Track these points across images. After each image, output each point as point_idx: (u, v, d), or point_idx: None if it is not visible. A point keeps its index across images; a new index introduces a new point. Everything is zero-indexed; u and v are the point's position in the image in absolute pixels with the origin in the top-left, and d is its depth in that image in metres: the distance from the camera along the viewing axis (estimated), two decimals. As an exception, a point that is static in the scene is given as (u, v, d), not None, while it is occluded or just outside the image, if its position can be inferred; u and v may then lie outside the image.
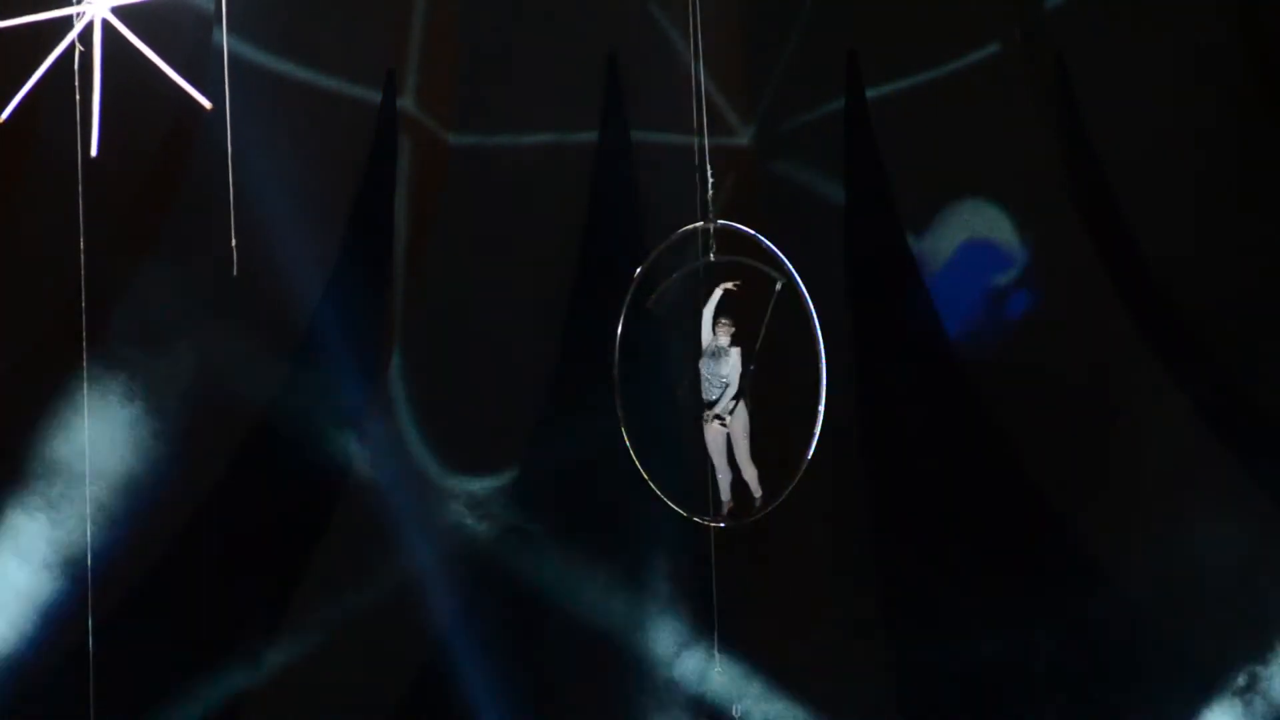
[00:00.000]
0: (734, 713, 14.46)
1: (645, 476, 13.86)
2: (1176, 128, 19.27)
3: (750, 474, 14.18)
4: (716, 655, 14.51)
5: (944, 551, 19.56)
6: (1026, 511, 19.60)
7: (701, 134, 14.67)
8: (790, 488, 13.78)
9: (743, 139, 20.26)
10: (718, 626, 14.74)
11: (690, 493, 14.48)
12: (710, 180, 13.99)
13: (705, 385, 14.14)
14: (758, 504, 14.25)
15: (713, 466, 14.17)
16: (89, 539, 14.25)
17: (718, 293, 13.94)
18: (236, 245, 13.14)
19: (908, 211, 19.97)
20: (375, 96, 19.73)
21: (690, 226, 13.92)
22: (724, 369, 14.00)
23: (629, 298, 13.95)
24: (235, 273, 13.26)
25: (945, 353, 19.92)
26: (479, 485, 20.01)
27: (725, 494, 14.32)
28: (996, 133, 19.72)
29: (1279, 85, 19.10)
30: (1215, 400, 19.33)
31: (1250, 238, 19.11)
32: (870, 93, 19.94)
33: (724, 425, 14.07)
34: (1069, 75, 19.65)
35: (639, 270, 14.04)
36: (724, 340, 14.06)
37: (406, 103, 19.91)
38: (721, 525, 14.39)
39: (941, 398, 19.95)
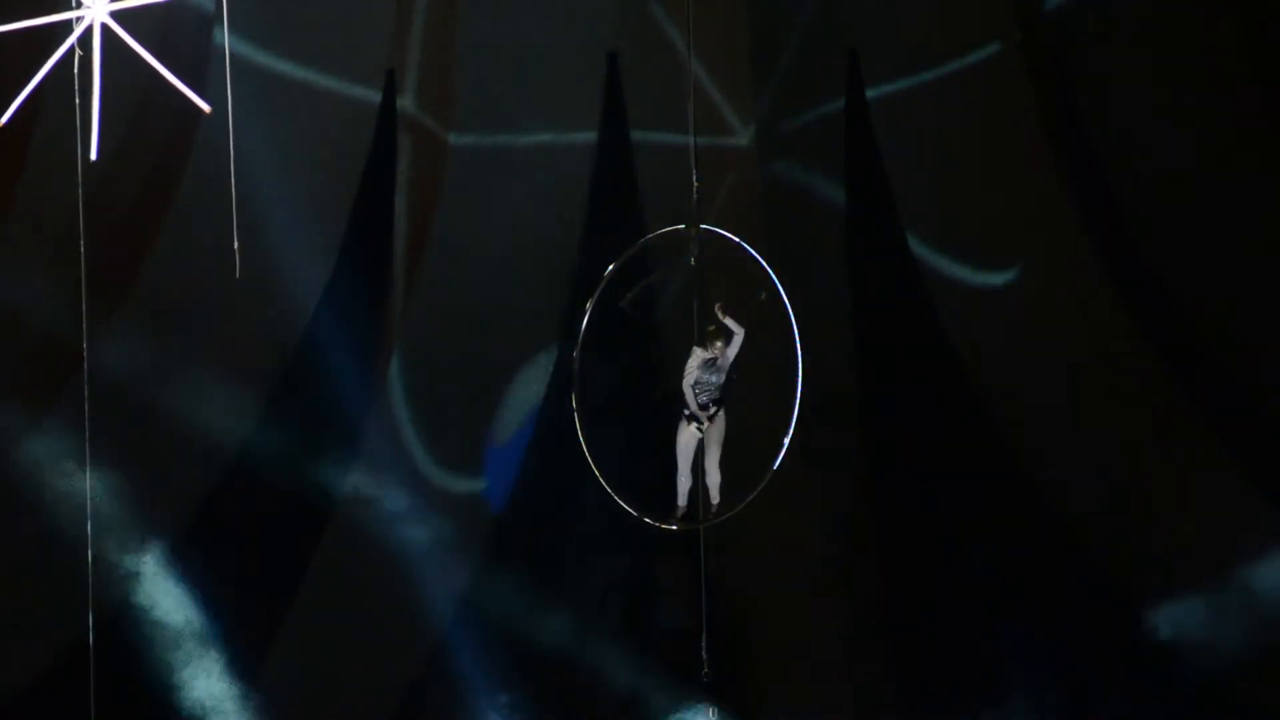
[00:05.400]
0: (709, 715, 14.48)
1: (597, 473, 13.89)
2: (1176, 128, 19.27)
3: (714, 480, 14.25)
4: (704, 659, 14.54)
5: (945, 552, 19.58)
6: (1028, 511, 19.61)
7: (692, 134, 14.69)
8: (749, 499, 13.82)
9: (743, 139, 20.26)
10: (705, 628, 14.77)
11: (655, 493, 14.53)
12: (697, 184, 13.98)
13: (699, 391, 14.16)
14: (714, 510, 14.31)
15: (676, 469, 14.23)
16: (89, 535, 14.30)
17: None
18: (239, 248, 13.11)
19: (908, 212, 19.97)
20: (375, 96, 19.72)
21: (668, 229, 13.91)
22: (719, 375, 14.04)
23: (595, 297, 13.96)
24: (239, 275, 13.25)
25: (946, 353, 19.92)
26: (478, 485, 20.04)
27: (682, 499, 14.38)
28: (996, 133, 19.72)
29: (1278, 85, 19.10)
30: (1216, 398, 19.35)
31: (1251, 237, 19.13)
32: (870, 93, 19.91)
33: (700, 431, 14.11)
34: (1069, 75, 19.65)
35: (609, 269, 14.04)
36: (720, 343, 14.07)
37: (406, 103, 19.91)
38: (674, 528, 14.42)
39: (942, 398, 19.95)
